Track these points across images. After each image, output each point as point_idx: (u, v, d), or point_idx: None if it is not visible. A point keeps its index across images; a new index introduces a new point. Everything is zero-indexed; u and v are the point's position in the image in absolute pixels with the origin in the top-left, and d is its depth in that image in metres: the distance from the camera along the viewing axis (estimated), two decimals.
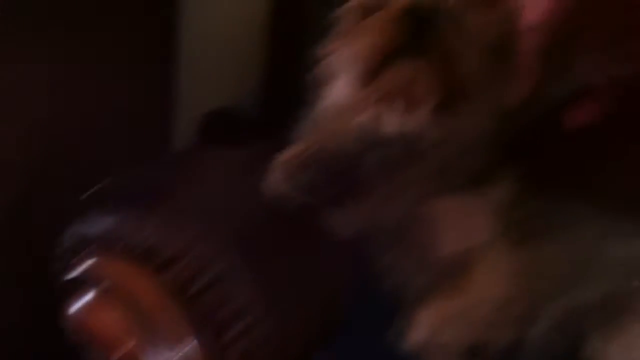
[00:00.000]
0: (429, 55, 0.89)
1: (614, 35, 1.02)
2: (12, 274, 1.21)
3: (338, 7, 0.96)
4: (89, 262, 0.95)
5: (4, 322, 1.22)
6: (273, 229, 0.95)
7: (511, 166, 1.08)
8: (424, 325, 0.98)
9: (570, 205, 1.10)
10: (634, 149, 1.15)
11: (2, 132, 1.16)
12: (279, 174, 0.95)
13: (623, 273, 1.04)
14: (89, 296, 0.93)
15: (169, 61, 1.33)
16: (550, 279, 1.05)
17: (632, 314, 0.98)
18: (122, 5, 1.26)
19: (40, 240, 1.10)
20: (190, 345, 0.91)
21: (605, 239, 1.06)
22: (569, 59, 0.99)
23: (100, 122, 1.21)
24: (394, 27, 0.89)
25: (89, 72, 1.23)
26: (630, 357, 0.97)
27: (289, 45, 1.36)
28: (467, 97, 0.94)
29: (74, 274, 0.95)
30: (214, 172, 1.05)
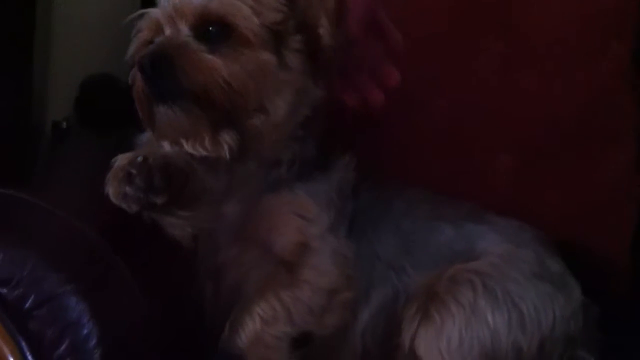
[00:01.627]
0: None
1: None
2: None
3: None
4: None
5: None
6: (105, 244, 0.97)
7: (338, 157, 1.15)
8: (254, 321, 1.03)
9: (401, 193, 1.17)
10: None
11: None
12: (117, 178, 0.97)
13: (444, 256, 1.12)
14: None
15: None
16: (379, 265, 1.12)
17: (439, 302, 1.05)
18: None
19: None
20: None
21: (433, 227, 1.14)
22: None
23: None
24: None
25: None
26: (436, 346, 1.04)
27: None
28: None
29: None
30: (54, 185, 1.06)
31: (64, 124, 1.32)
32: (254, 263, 1.08)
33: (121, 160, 0.97)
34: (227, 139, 1.00)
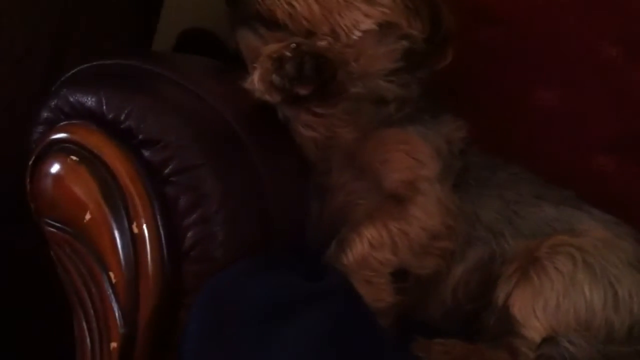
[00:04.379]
0: None
1: None
2: None
3: None
4: (67, 132, 0.97)
5: None
6: (241, 129, 0.99)
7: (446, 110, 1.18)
8: (364, 242, 1.06)
9: (506, 165, 1.20)
10: None
11: None
12: (266, 66, 1.00)
13: (544, 232, 1.15)
14: (63, 162, 0.96)
15: None
16: (480, 225, 1.15)
17: (539, 266, 1.08)
18: None
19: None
20: (149, 224, 0.95)
21: (536, 201, 1.16)
22: None
23: None
24: None
25: None
26: (532, 306, 1.07)
27: None
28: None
29: (52, 138, 0.97)
30: (193, 72, 1.08)
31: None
32: (362, 192, 1.11)
33: (271, 47, 1.00)
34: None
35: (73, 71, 1.02)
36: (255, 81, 1.01)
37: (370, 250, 1.06)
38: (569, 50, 1.37)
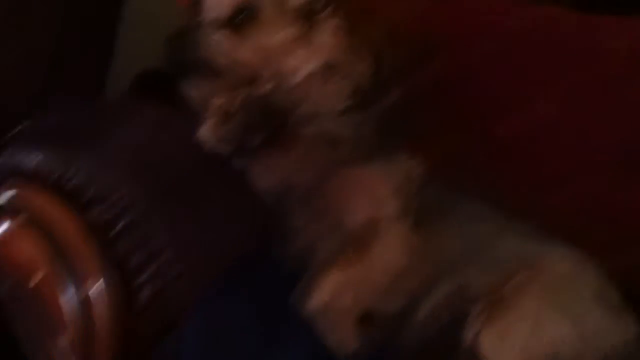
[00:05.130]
0: None
1: None
2: None
3: None
4: (12, 192, 0.95)
5: None
6: (194, 180, 0.98)
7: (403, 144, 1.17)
8: (326, 289, 1.04)
9: (467, 200, 1.18)
10: None
11: None
12: (214, 118, 0.98)
13: (509, 268, 1.12)
14: (8, 224, 0.94)
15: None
16: (443, 261, 1.12)
17: (506, 305, 1.05)
18: None
19: None
20: (100, 285, 0.93)
21: (499, 235, 1.14)
22: None
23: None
24: None
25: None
26: (501, 345, 1.04)
27: None
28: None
29: None
30: (140, 124, 1.06)
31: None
32: (323, 235, 1.09)
33: (219, 99, 0.99)
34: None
35: (18, 129, 1.00)
36: (205, 133, 0.99)
37: (332, 298, 1.03)
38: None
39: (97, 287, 0.93)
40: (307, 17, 1.09)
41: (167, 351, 0.95)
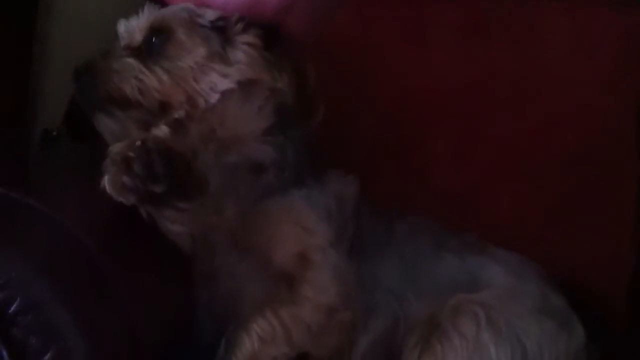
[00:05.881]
0: None
1: None
2: None
3: None
4: None
5: None
6: (101, 245, 0.91)
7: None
8: (252, 340, 0.99)
9: (402, 218, 1.14)
10: None
11: None
12: (114, 168, 0.92)
13: (448, 287, 1.09)
14: None
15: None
16: (380, 289, 1.08)
17: (441, 334, 1.02)
18: None
19: None
20: None
21: (436, 255, 1.10)
22: None
23: None
24: None
25: None
26: None
27: None
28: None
29: None
30: (37, 185, 1.00)
31: (54, 132, 1.25)
32: (249, 275, 1.04)
33: (118, 146, 0.92)
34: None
35: None
36: (106, 184, 0.92)
37: (261, 347, 0.99)
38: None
39: None
40: (220, 35, 1.03)
41: None
